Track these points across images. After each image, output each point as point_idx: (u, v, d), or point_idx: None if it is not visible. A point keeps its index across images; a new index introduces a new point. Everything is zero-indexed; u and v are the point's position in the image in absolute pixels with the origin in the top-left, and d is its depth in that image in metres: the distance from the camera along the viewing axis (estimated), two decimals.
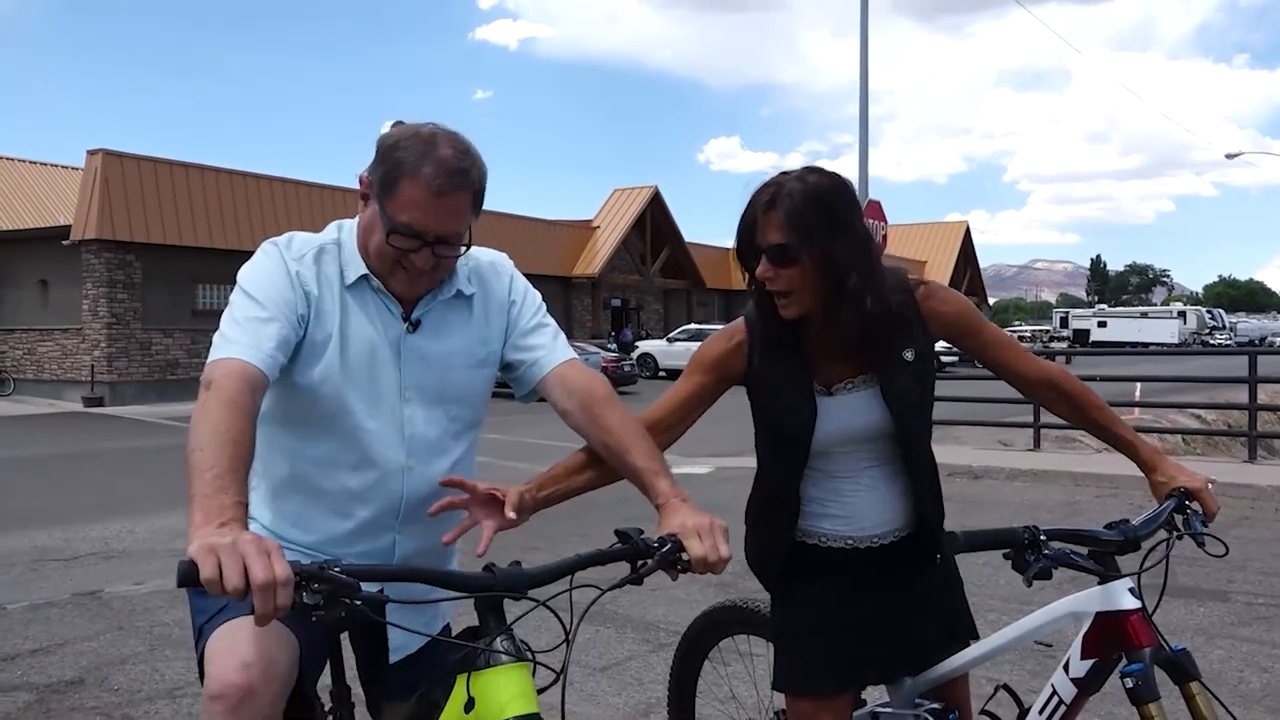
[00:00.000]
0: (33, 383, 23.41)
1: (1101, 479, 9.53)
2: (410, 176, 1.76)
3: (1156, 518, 1.95)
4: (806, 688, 2.08)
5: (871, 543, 2.07)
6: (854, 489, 2.06)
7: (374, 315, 1.89)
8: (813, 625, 2.08)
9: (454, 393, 1.94)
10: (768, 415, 2.08)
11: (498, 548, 1.60)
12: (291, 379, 1.85)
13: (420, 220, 1.77)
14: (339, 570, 1.37)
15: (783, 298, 1.92)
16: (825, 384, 2.01)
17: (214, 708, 1.64)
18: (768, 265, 1.89)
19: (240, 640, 1.67)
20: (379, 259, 1.85)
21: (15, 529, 7.89)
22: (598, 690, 4.20)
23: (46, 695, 4.22)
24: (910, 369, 2.00)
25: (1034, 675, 4.14)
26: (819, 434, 2.00)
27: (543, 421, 15.77)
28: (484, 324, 1.99)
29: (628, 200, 37.45)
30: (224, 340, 1.72)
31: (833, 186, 1.89)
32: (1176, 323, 55.63)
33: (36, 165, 30.06)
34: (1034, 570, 1.82)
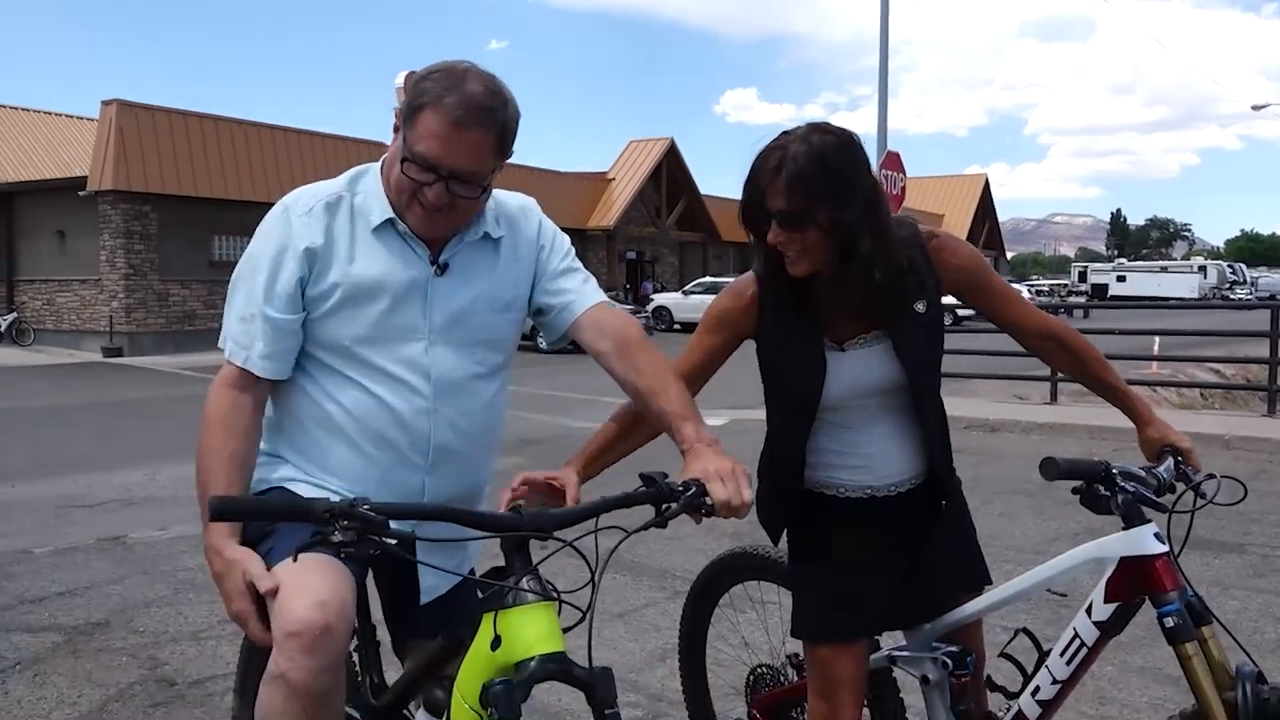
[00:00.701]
0: (53, 333, 23.59)
1: (1119, 433, 9.49)
2: (432, 106, 1.75)
3: (1169, 469, 2.00)
4: (825, 634, 2.10)
5: (889, 491, 2.08)
6: (869, 440, 2.06)
7: (399, 258, 1.89)
8: (831, 573, 2.10)
9: (481, 336, 1.95)
10: (777, 374, 2.08)
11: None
12: (316, 325, 1.87)
13: (435, 151, 1.76)
14: (368, 508, 1.38)
15: (792, 255, 1.91)
16: (837, 341, 2.01)
17: (290, 645, 1.65)
18: (778, 230, 1.87)
19: (311, 579, 1.69)
20: (397, 191, 1.85)
21: (40, 476, 8.00)
22: (614, 636, 4.25)
23: (74, 636, 4.30)
24: (921, 321, 1.99)
25: (1048, 624, 4.17)
26: (830, 391, 2.00)
27: (561, 374, 15.84)
28: (512, 267, 1.99)
29: (643, 152, 37.17)
30: (231, 341, 1.88)
31: (839, 145, 1.85)
32: (1196, 277, 55.12)
33: (52, 116, 30.00)
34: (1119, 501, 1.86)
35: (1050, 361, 2.19)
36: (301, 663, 1.65)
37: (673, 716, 3.44)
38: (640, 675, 3.85)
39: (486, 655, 1.51)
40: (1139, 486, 1.90)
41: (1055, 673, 1.96)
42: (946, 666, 2.08)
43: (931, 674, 2.10)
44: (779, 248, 1.89)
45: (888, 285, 1.90)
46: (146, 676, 3.85)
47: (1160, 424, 2.10)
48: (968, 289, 2.07)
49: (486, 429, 2.00)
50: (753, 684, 2.66)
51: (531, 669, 1.46)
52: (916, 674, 2.14)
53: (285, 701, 1.68)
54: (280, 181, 23.76)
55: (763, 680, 2.64)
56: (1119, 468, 1.91)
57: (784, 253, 1.90)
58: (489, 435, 2.03)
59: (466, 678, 1.57)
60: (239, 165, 23.68)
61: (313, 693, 1.67)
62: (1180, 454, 2.04)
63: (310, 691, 1.67)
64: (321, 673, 1.67)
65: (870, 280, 1.88)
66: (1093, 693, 3.58)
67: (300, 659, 1.65)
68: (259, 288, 1.85)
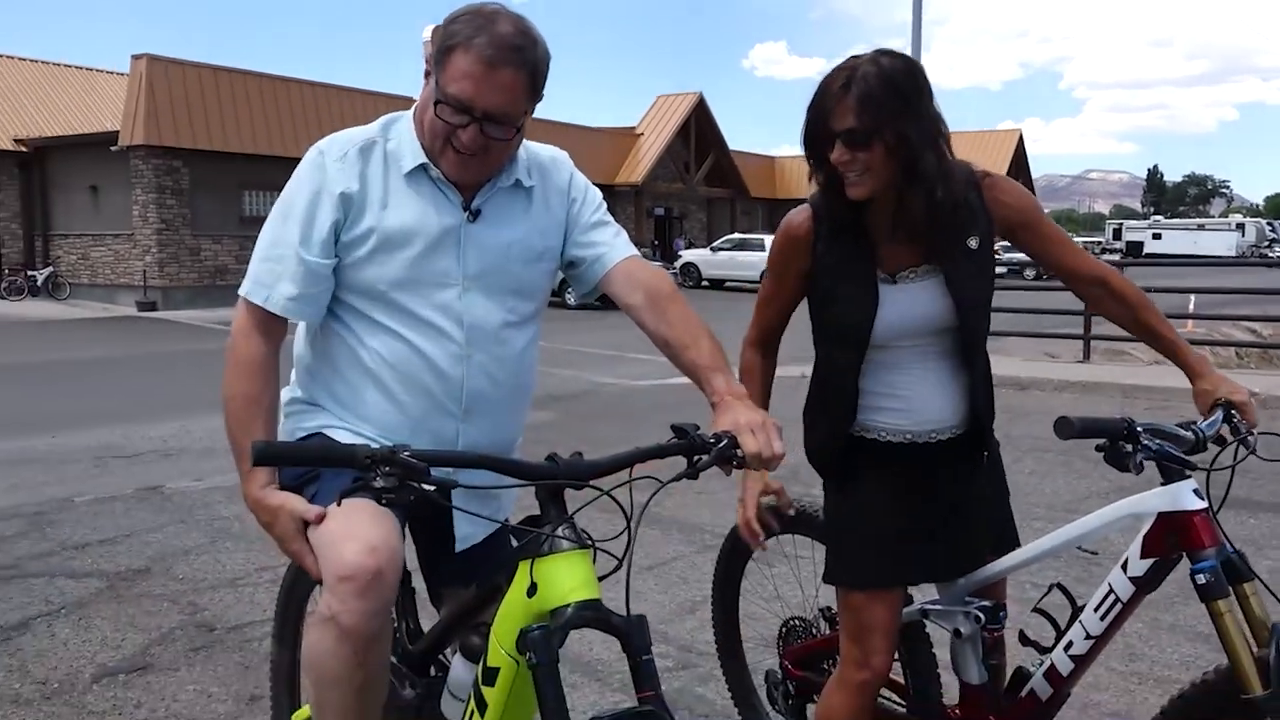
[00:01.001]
0: (87, 287, 23.86)
1: (1153, 391, 9.41)
2: (463, 47, 1.74)
3: (1214, 423, 1.96)
4: (859, 580, 2.11)
5: (929, 438, 2.07)
6: (912, 382, 2.05)
7: (432, 204, 1.89)
8: (868, 519, 2.10)
9: (513, 284, 1.96)
10: (828, 306, 2.07)
11: (546, 449, 1.62)
12: (351, 271, 1.88)
13: (468, 92, 1.75)
14: (409, 455, 1.40)
15: (853, 177, 1.91)
16: (889, 272, 2.00)
17: (343, 588, 1.69)
18: (843, 149, 1.88)
19: (362, 524, 1.72)
20: (430, 136, 1.84)
21: (79, 427, 8.14)
22: (644, 588, 4.30)
23: (116, 582, 4.40)
24: (974, 258, 2.00)
25: (1079, 581, 4.16)
26: (880, 325, 1.99)
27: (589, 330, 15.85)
28: (544, 216, 1.99)
29: (672, 107, 36.85)
30: (254, 283, 1.88)
31: (907, 69, 1.88)
32: (1234, 235, 54.18)
33: (84, 70, 30.15)
34: (1139, 460, 1.83)
35: (1100, 308, 2.16)
36: (353, 606, 1.68)
37: (702, 667, 3.48)
38: (670, 626, 3.89)
39: (523, 602, 1.53)
40: (1166, 444, 1.87)
41: (1089, 628, 1.96)
42: (979, 620, 2.09)
43: (964, 628, 2.11)
44: (841, 168, 1.90)
45: (946, 209, 1.91)
46: (186, 621, 3.94)
47: (1215, 377, 2.04)
48: (1019, 227, 2.06)
49: (519, 378, 2.02)
50: (785, 636, 2.69)
51: (568, 615, 1.47)
52: (949, 628, 2.14)
53: (336, 643, 1.71)
54: (311, 136, 23.59)
55: (795, 632, 2.66)
56: (1145, 425, 1.87)
57: (845, 174, 1.91)
58: (521, 384, 2.04)
59: (503, 624, 1.59)
60: (269, 120, 23.70)
61: (363, 635, 1.71)
62: (1234, 407, 1.98)
63: (361, 634, 1.70)
64: (372, 616, 1.70)
65: (931, 200, 1.89)
66: (1123, 649, 3.58)
67: (352, 602, 1.68)
68: (294, 231, 1.86)
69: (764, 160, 42.65)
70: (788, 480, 2.12)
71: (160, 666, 3.53)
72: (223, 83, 23.04)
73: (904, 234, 1.97)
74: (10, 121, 25.32)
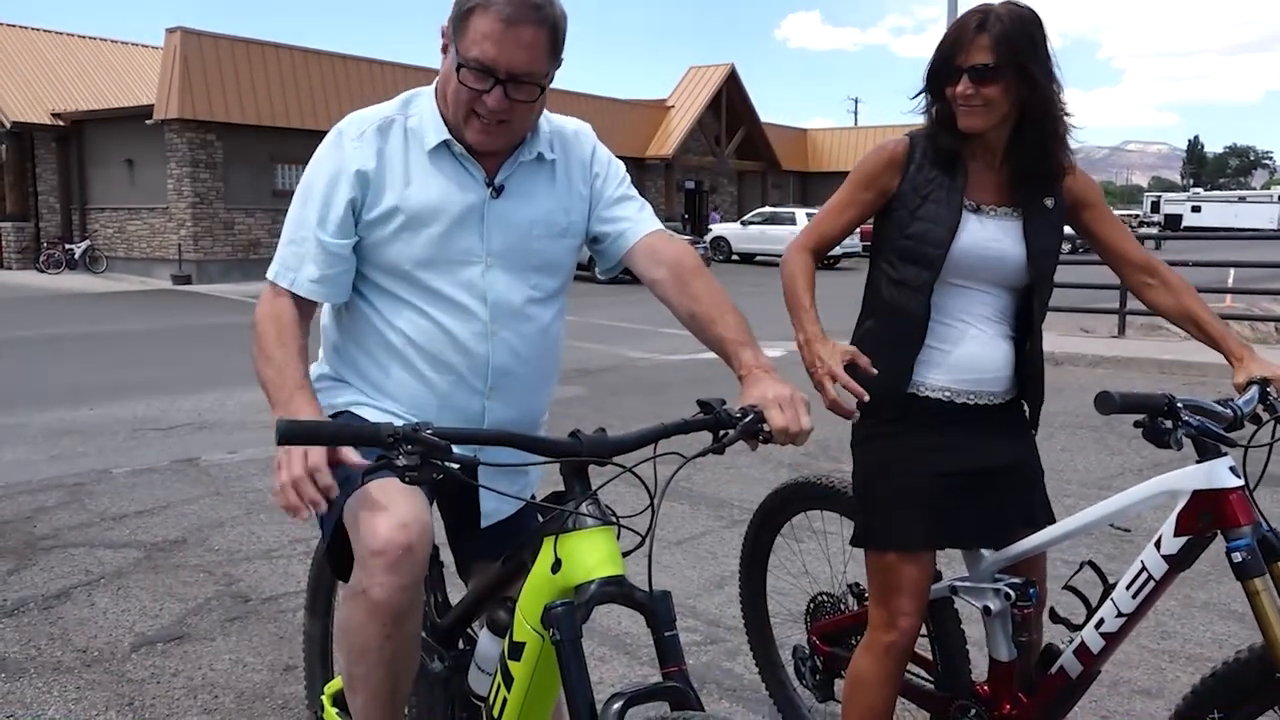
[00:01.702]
0: (124, 260, 24.14)
1: (1189, 367, 9.29)
2: (481, 8, 1.73)
3: (1251, 401, 1.97)
4: (890, 540, 2.11)
5: (969, 399, 2.09)
6: (959, 336, 2.09)
7: (456, 180, 1.88)
8: (902, 478, 2.11)
9: (536, 261, 1.95)
10: (910, 224, 2.09)
11: (574, 423, 1.62)
12: (374, 249, 1.88)
13: (490, 53, 1.73)
14: (431, 433, 1.40)
15: (970, 109, 2.01)
16: (975, 202, 2.09)
17: (375, 562, 1.70)
18: (968, 83, 1.99)
19: (392, 500, 1.73)
20: (454, 107, 1.83)
21: (116, 399, 8.26)
22: (673, 563, 4.31)
23: (153, 552, 4.48)
24: (1049, 215, 2.11)
25: (1111, 559, 4.13)
26: (958, 246, 2.05)
27: (619, 304, 15.83)
28: (566, 192, 1.98)
29: (703, 79, 36.57)
30: (280, 266, 1.89)
31: (1035, 17, 2.02)
32: (1276, 208, 53.10)
33: (119, 45, 30.35)
34: (1180, 435, 1.84)
35: (1147, 295, 2.24)
36: (384, 580, 1.70)
37: (730, 641, 3.49)
38: (698, 601, 3.90)
39: (548, 578, 1.54)
40: (1206, 420, 1.86)
41: (1120, 606, 1.95)
42: (1009, 598, 2.08)
43: (994, 605, 2.10)
44: (962, 101, 2.00)
45: (1048, 150, 2.05)
46: (222, 592, 4.01)
47: (1255, 360, 2.07)
48: (1085, 206, 2.19)
49: (544, 355, 2.01)
50: (813, 611, 2.69)
51: (592, 591, 1.48)
52: (978, 605, 2.13)
53: (367, 617, 1.74)
54: (342, 110, 23.49)
55: (823, 608, 2.66)
56: (1185, 400, 1.87)
57: (965, 105, 2.01)
58: (547, 361, 2.03)
59: (528, 599, 1.60)
60: (301, 93, 23.78)
61: (394, 609, 1.73)
62: (1270, 384, 2.00)
63: (391, 608, 1.72)
64: (403, 590, 1.72)
65: (1045, 132, 2.03)
66: (1155, 627, 3.56)
67: (383, 576, 1.70)
68: (312, 212, 1.86)
69: (796, 133, 42.26)
70: (816, 455, 2.12)
71: (197, 636, 3.59)
72: (255, 56, 23.12)
73: (995, 176, 2.09)
74: (48, 95, 25.57)
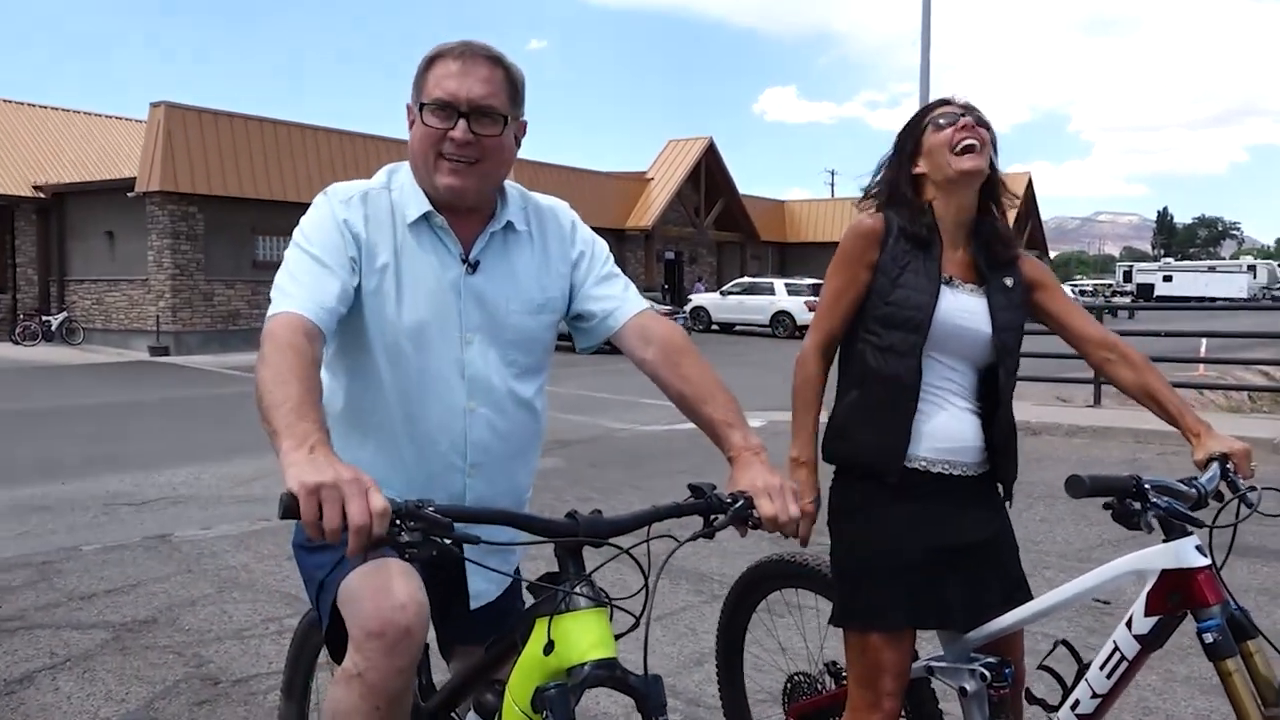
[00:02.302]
0: (101, 332, 24.04)
1: (1165, 436, 9.34)
2: (439, 58, 1.85)
3: (1214, 478, 1.98)
4: (872, 620, 2.10)
5: (944, 469, 2.10)
6: (933, 408, 2.11)
7: (433, 255, 1.90)
8: (883, 555, 2.10)
9: (513, 336, 1.96)
10: (891, 293, 2.12)
11: (553, 496, 1.62)
12: (351, 321, 1.88)
13: (450, 88, 1.82)
14: (434, 510, 1.40)
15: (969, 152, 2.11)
16: (949, 276, 2.15)
17: (372, 645, 1.68)
18: (968, 119, 2.13)
19: (391, 580, 1.72)
20: (422, 153, 1.87)
21: (88, 474, 8.16)
22: (652, 639, 4.22)
23: (122, 633, 4.39)
24: (1010, 293, 2.17)
25: (1090, 632, 4.12)
26: (939, 314, 2.10)
27: (598, 374, 15.84)
28: (544, 270, 2.00)
29: (682, 151, 37.11)
30: (281, 294, 1.76)
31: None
32: (1245, 277, 53.99)
33: (101, 118, 30.61)
34: (1149, 517, 1.84)
35: (1107, 371, 2.26)
36: (380, 663, 1.68)
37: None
38: (677, 679, 3.85)
39: (539, 659, 1.53)
40: (1173, 500, 1.87)
41: (1095, 686, 1.94)
42: (984, 678, 2.07)
43: (969, 685, 2.09)
44: (966, 134, 2.11)
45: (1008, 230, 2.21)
46: (192, 674, 3.92)
47: (1213, 436, 2.08)
48: (1036, 285, 2.26)
49: (524, 431, 2.01)
50: (790, 691, 2.66)
51: (585, 674, 1.47)
52: (954, 685, 2.12)
53: (360, 700, 1.71)
54: (324, 182, 23.60)
55: (800, 688, 2.63)
56: (1151, 481, 1.88)
57: (965, 140, 2.11)
58: (528, 437, 2.03)
59: (519, 681, 1.59)
60: (283, 166, 23.99)
61: (388, 693, 1.71)
62: (1229, 459, 2.01)
63: (386, 692, 1.70)
64: (399, 674, 1.70)
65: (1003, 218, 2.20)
66: (1137, 703, 3.53)
67: (379, 660, 1.68)
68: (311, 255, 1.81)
69: (774, 204, 42.83)
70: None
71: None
72: (238, 129, 23.35)
73: (966, 250, 2.19)
74: (30, 168, 25.69)
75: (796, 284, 28.50)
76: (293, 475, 1.34)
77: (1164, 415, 2.18)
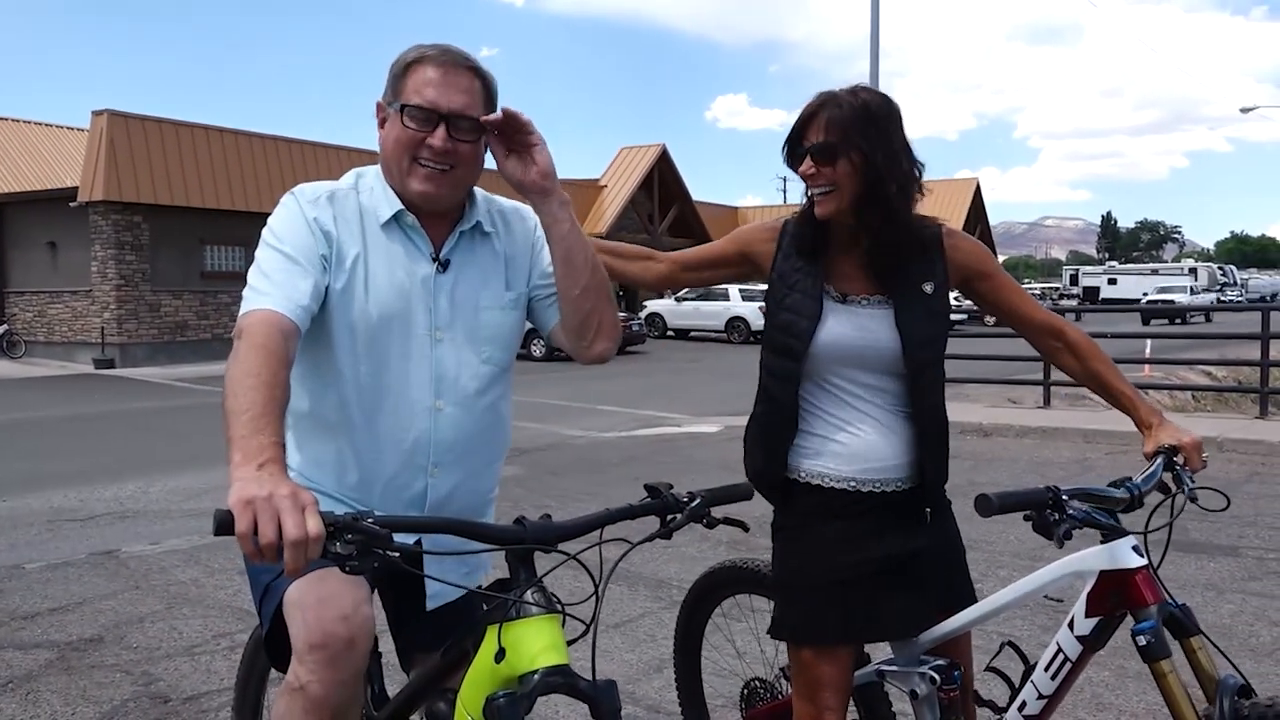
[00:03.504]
0: (44, 345, 23.50)
1: (1112, 436, 9.53)
2: (417, 62, 1.85)
3: (1152, 476, 1.96)
4: (804, 635, 2.09)
5: (874, 487, 2.06)
6: (857, 425, 2.06)
7: (404, 254, 1.90)
8: (812, 571, 2.08)
9: (485, 334, 1.97)
10: (776, 314, 2.11)
11: (511, 504, 1.61)
12: (320, 319, 1.86)
13: (430, 95, 1.82)
14: (372, 521, 1.38)
15: (820, 194, 2.01)
16: (841, 292, 2.07)
17: (314, 657, 1.66)
18: (810, 162, 2.00)
19: (334, 591, 1.69)
20: (397, 157, 1.86)
21: (32, 490, 7.96)
22: (611, 646, 4.25)
23: (67, 653, 4.28)
24: (926, 301, 2.05)
25: (1045, 630, 4.17)
26: (822, 338, 2.03)
27: (557, 383, 15.80)
28: (510, 266, 2.02)
29: (635, 159, 37.19)
30: (254, 293, 1.75)
31: (879, 102, 2.01)
32: (1188, 279, 55.23)
33: (42, 126, 29.98)
34: (1063, 531, 1.82)
35: (1055, 359, 2.20)
36: (324, 675, 1.66)
37: None
38: (637, 686, 3.84)
39: (490, 668, 1.52)
40: (1096, 507, 1.86)
41: (1040, 687, 1.95)
42: (934, 681, 2.06)
43: (920, 689, 2.08)
44: (808, 182, 2.02)
45: (903, 238, 2.01)
46: (140, 693, 3.83)
47: (1164, 427, 2.06)
48: (975, 276, 2.13)
49: (490, 431, 2.01)
50: (747, 697, 2.66)
51: (535, 682, 1.46)
52: (905, 689, 2.13)
53: (304, 714, 1.69)
54: (273, 190, 23.69)
55: (756, 694, 2.63)
56: (1071, 490, 1.85)
57: (812, 189, 2.02)
58: (493, 438, 2.03)
59: (470, 690, 1.57)
60: (230, 175, 23.64)
61: (333, 705, 1.69)
62: (1176, 452, 1.99)
63: (330, 704, 1.69)
64: (343, 685, 1.69)
65: (892, 220, 1.98)
66: (1090, 699, 3.58)
67: (323, 672, 1.66)
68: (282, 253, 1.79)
69: (727, 211, 43.04)
70: (755, 533, 2.10)
71: None
72: (184, 137, 22.98)
73: (860, 263, 2.06)
74: None
75: (751, 290, 28.66)
76: (234, 491, 1.33)
77: (1115, 404, 2.14)
